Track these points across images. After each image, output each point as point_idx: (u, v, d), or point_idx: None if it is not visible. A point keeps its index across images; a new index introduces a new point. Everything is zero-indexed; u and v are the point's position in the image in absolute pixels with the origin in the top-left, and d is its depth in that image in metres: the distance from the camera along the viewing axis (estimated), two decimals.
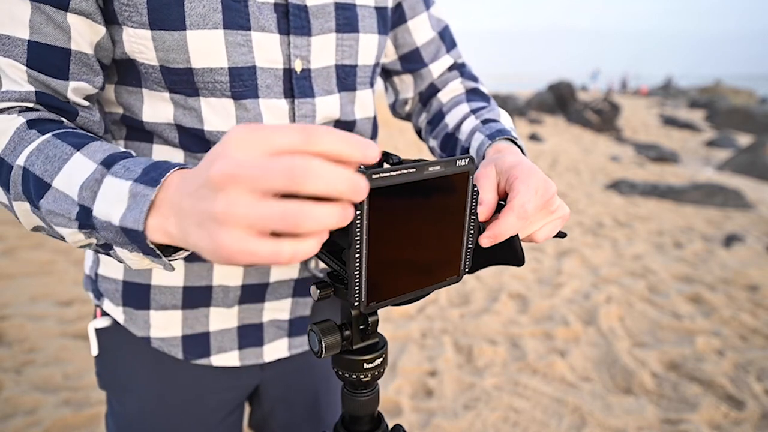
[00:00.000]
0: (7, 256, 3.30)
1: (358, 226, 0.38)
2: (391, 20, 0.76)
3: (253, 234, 0.34)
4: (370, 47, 0.70)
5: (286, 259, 0.34)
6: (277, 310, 0.77)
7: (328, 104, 0.68)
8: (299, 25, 0.63)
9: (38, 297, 2.79)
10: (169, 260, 0.46)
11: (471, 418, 1.97)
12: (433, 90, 0.82)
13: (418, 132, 0.86)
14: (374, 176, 0.38)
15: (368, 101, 0.75)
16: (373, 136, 0.79)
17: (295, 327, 0.80)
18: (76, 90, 0.56)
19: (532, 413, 2.02)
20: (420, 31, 0.79)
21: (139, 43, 0.57)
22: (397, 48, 0.80)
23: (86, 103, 0.58)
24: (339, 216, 0.33)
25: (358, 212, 0.38)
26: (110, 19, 0.57)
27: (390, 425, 0.57)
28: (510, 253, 0.53)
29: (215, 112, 0.62)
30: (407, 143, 8.38)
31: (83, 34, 0.55)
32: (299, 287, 0.78)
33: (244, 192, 0.33)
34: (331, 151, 0.33)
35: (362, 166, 0.54)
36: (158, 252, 0.44)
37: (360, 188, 0.33)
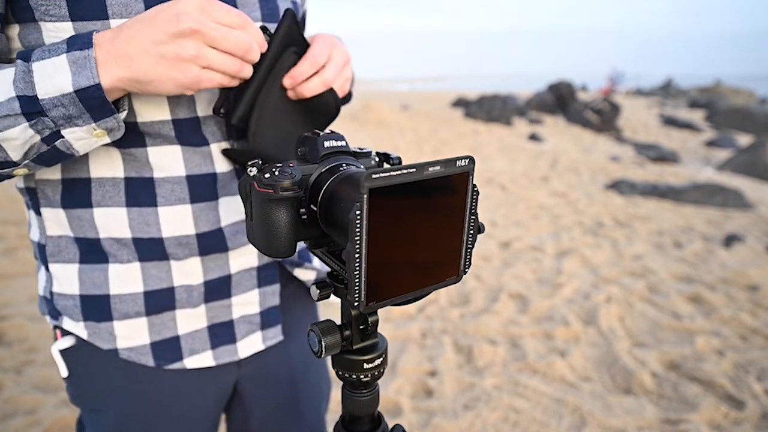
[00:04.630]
0: (7, 256, 3.30)
1: (358, 226, 0.38)
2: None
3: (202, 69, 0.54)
4: None
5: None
6: (245, 304, 0.76)
7: None
8: None
9: (38, 297, 2.79)
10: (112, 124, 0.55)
11: (471, 418, 1.97)
12: None
13: None
14: (374, 176, 0.37)
15: None
16: None
17: (266, 319, 0.79)
18: None
19: (532, 413, 2.02)
20: None
21: (60, 37, 0.56)
22: None
23: None
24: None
25: (358, 212, 0.38)
26: (24, 17, 0.56)
27: (390, 425, 0.57)
28: (323, 105, 0.68)
29: (146, 102, 0.62)
30: (407, 143, 8.37)
31: None
32: (263, 276, 0.77)
33: (204, 44, 0.53)
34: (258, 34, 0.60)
35: (363, 167, 0.54)
36: (112, 106, 0.53)
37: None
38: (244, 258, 0.74)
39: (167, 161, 0.65)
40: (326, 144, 0.53)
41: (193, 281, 0.70)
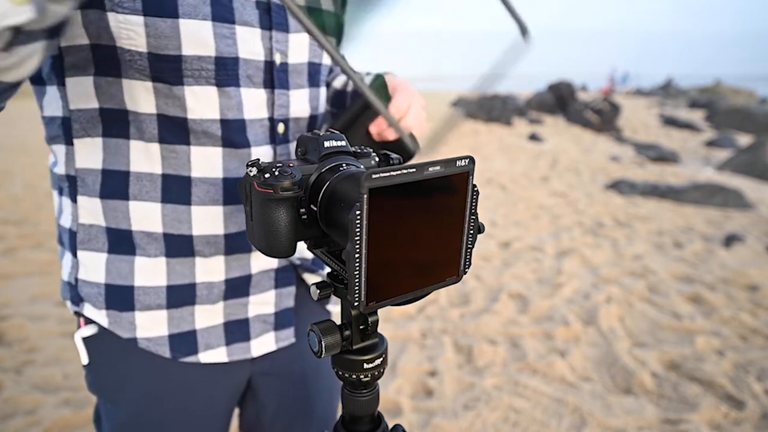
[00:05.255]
0: (7, 256, 3.31)
1: (358, 226, 0.38)
2: None
3: None
4: None
5: None
6: (261, 303, 0.78)
7: (300, 98, 0.74)
8: (280, 22, 0.68)
9: (38, 297, 2.79)
10: None
11: (471, 418, 1.97)
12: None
13: None
14: (374, 176, 0.37)
15: (324, 99, 0.82)
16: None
17: (280, 320, 0.81)
18: None
19: (532, 413, 2.02)
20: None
21: (129, 29, 0.58)
22: None
23: None
24: None
25: (358, 212, 0.38)
26: (94, 3, 0.58)
27: (390, 425, 0.57)
28: (402, 147, 0.76)
29: (199, 100, 0.64)
30: None
31: None
32: (281, 278, 0.79)
33: None
34: None
35: (363, 167, 0.54)
36: None
37: None
38: (265, 259, 0.77)
39: (206, 162, 0.67)
40: (326, 144, 0.53)
41: (214, 279, 0.73)
